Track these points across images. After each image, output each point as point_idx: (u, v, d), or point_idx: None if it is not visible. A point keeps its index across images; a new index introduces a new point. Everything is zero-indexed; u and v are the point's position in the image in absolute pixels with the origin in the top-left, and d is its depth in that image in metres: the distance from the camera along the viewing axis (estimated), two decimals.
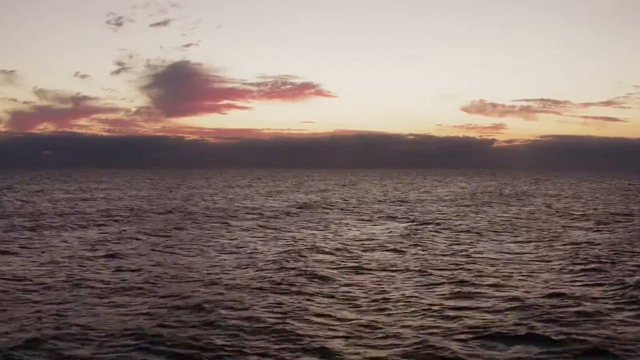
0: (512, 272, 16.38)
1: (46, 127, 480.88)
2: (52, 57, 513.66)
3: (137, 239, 23.60)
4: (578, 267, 17.01)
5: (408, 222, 30.83)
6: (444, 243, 22.73)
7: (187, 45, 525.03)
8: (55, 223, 29.12)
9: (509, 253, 20.23)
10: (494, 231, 26.83)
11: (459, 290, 14.06)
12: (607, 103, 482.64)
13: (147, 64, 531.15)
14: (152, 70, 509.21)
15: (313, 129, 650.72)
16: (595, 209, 40.45)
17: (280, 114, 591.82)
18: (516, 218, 33.52)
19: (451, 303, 12.84)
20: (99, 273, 16.29)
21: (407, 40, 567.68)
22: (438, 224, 29.96)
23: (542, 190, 73.04)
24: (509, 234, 25.91)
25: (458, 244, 22.36)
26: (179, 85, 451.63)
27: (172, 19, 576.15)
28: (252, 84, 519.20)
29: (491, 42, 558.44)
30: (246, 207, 41.03)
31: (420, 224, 29.72)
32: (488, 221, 31.60)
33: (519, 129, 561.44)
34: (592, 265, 17.16)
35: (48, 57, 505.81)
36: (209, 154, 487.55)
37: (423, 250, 20.65)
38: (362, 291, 14.10)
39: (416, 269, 16.96)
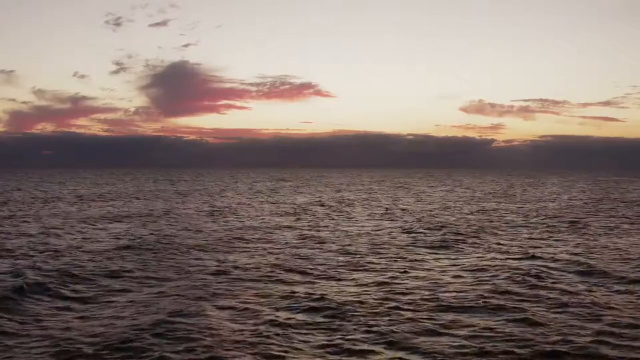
0: None
1: (45, 127, 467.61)
2: (51, 57, 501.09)
3: None
4: None
5: None
6: None
7: (186, 46, 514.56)
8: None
9: None
10: None
11: None
12: (606, 103, 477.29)
13: (146, 64, 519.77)
14: (151, 70, 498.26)
15: (312, 129, 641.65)
16: None
17: (279, 114, 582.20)
18: None
19: None
20: None
21: (406, 40, 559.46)
22: None
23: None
24: None
25: None
26: (178, 85, 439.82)
27: (171, 19, 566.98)
28: (251, 84, 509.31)
29: (490, 43, 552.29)
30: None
31: None
32: None
33: (518, 129, 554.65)
34: None
35: (47, 57, 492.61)
36: (208, 154, 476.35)
37: None
38: None
39: None
